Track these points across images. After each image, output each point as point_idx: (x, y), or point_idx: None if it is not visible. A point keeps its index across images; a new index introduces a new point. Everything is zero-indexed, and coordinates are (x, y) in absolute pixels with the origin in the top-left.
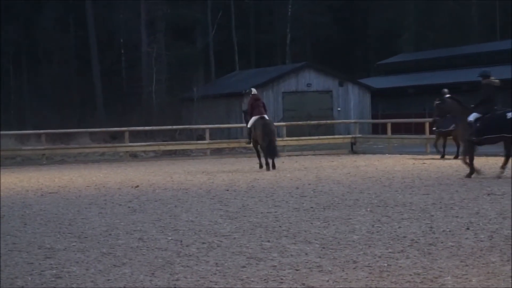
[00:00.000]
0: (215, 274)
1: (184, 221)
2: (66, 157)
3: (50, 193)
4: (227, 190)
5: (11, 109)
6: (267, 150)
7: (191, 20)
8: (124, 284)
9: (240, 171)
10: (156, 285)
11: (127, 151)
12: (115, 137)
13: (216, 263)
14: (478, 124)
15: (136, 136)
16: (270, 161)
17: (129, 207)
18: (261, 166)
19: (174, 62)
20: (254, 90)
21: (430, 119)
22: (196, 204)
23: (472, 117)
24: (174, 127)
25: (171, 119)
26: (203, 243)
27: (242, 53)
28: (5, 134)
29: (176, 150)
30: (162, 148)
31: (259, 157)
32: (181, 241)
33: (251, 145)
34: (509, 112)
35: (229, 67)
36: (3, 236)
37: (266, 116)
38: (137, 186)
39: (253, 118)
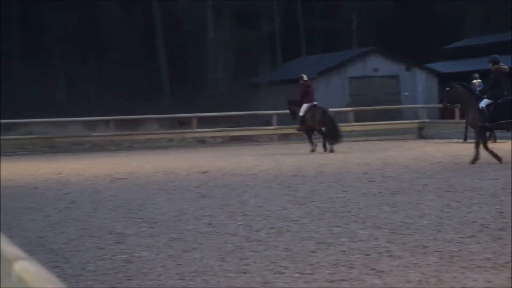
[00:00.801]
0: (285, 259)
1: (253, 206)
2: (134, 143)
3: (119, 179)
4: (295, 176)
5: (77, 96)
6: (332, 135)
7: (256, 6)
8: (194, 269)
9: (308, 156)
10: (226, 270)
11: (194, 137)
12: (183, 123)
13: (286, 248)
14: (490, 110)
15: (203, 122)
16: (329, 146)
17: (197, 192)
18: (312, 150)
19: (240, 48)
20: (305, 77)
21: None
22: (264, 190)
23: (484, 103)
24: (241, 113)
25: (237, 105)
26: (272, 228)
27: (308, 38)
28: (73, 121)
29: (243, 136)
30: (230, 134)
31: (311, 142)
32: (250, 226)
33: (300, 131)
34: None
35: (295, 53)
36: (74, 222)
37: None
38: (206, 172)
39: (306, 105)
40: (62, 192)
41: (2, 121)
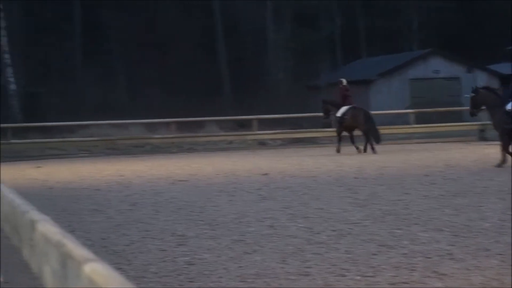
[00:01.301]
0: (346, 261)
1: (314, 208)
2: (195, 145)
3: (180, 181)
4: (356, 178)
5: (139, 98)
6: (374, 135)
7: (317, 6)
8: (255, 271)
9: (368, 158)
10: (287, 272)
11: (255, 139)
12: (243, 125)
13: (347, 251)
14: None
15: (263, 124)
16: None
17: (259, 194)
18: (338, 151)
19: (300, 49)
20: (344, 81)
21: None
22: (325, 192)
23: (510, 106)
24: (301, 114)
25: (297, 106)
26: (333, 230)
27: (368, 39)
28: (134, 123)
29: (303, 137)
30: (290, 135)
31: (339, 142)
32: (311, 228)
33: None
34: None
35: (355, 54)
36: (136, 223)
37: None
38: (266, 174)
39: (345, 108)
40: (124, 194)
41: (65, 123)
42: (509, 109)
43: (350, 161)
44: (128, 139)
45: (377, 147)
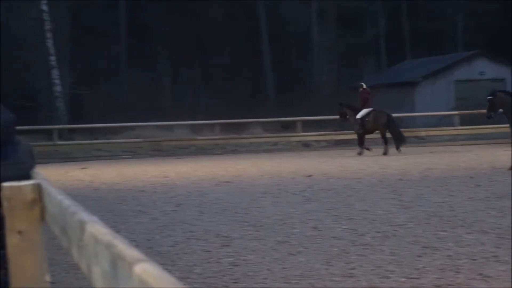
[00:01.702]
0: (391, 263)
1: (358, 210)
2: (239, 146)
3: (224, 182)
4: (400, 180)
5: (184, 100)
6: (398, 137)
7: (361, 8)
8: (300, 272)
9: (413, 160)
10: (331, 274)
11: (299, 141)
12: (287, 127)
13: (392, 252)
14: None
15: (307, 126)
16: (386, 147)
17: (303, 196)
18: (360, 153)
19: (344, 51)
20: (364, 85)
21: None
22: (370, 194)
23: None
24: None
25: None
26: (378, 232)
27: (413, 41)
28: (179, 125)
29: (348, 139)
30: (334, 137)
31: (361, 144)
32: (356, 230)
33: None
34: None
35: (399, 56)
36: (180, 224)
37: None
38: (310, 176)
39: (366, 110)
40: (168, 195)
41: (110, 124)
42: None
43: (395, 163)
44: (172, 141)
45: (423, 149)
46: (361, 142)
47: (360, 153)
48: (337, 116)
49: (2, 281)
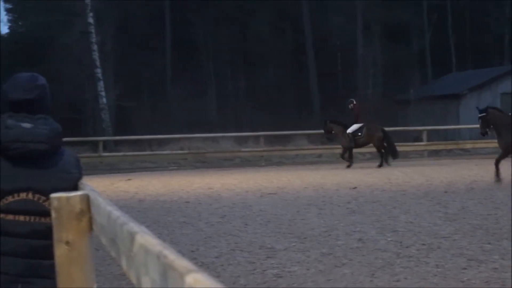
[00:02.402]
0: (436, 275)
1: (403, 222)
2: (284, 158)
3: (269, 194)
4: (446, 192)
5: (229, 112)
6: (393, 151)
7: (406, 22)
8: (344, 284)
9: (458, 172)
10: (376, 286)
11: None
12: (332, 139)
13: (437, 265)
14: None
15: None
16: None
17: (347, 208)
18: (348, 166)
19: (389, 64)
20: (354, 101)
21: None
22: (415, 206)
23: None
24: (391, 128)
25: (387, 121)
26: (423, 244)
27: (458, 54)
28: (224, 136)
29: None
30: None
31: (351, 158)
32: (401, 242)
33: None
34: None
35: (445, 68)
36: (225, 236)
37: None
38: (355, 188)
39: (358, 125)
40: (213, 207)
41: (155, 136)
42: None
43: (440, 175)
44: (217, 152)
45: (468, 161)
46: (350, 156)
47: (349, 166)
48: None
49: None
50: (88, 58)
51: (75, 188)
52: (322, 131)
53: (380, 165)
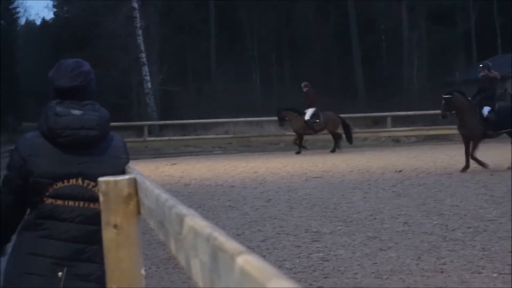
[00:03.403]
0: (482, 258)
1: (449, 205)
2: (329, 142)
3: (314, 177)
4: (492, 175)
5: (273, 97)
6: (349, 137)
7: (452, 4)
8: (390, 268)
9: (504, 156)
10: (422, 269)
11: (389, 136)
12: (377, 122)
13: (483, 248)
14: (493, 118)
15: (397, 121)
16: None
17: (393, 191)
18: (298, 153)
19: (434, 47)
20: (309, 84)
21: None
22: (460, 189)
23: (486, 110)
24: (436, 111)
25: (431, 104)
26: (469, 227)
27: (504, 36)
28: (269, 120)
29: (438, 135)
30: (425, 133)
31: (302, 144)
32: (447, 225)
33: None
34: None
35: (490, 51)
36: (270, 220)
37: None
38: (400, 171)
39: (311, 111)
40: (258, 191)
41: (200, 121)
42: (486, 115)
43: (485, 158)
44: (262, 136)
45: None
46: (300, 142)
47: (298, 152)
48: (427, 112)
49: (98, 275)
50: (133, 43)
51: (123, 172)
52: (365, 114)
53: (333, 151)
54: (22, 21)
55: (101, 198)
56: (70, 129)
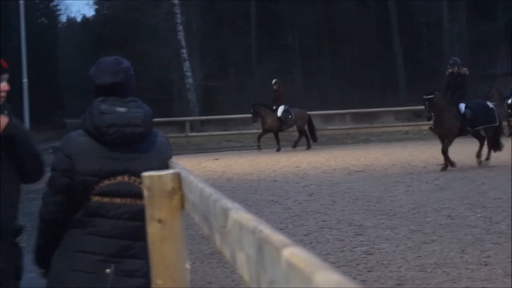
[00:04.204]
0: None
1: (492, 198)
2: (371, 136)
3: (356, 171)
4: None
5: (314, 90)
6: (313, 135)
7: None
8: (434, 261)
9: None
10: (466, 262)
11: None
12: (419, 115)
13: None
14: (470, 114)
15: None
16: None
17: (435, 184)
18: (279, 150)
19: (475, 39)
20: (278, 81)
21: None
22: (504, 181)
23: (463, 107)
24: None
25: (473, 96)
26: None
27: None
28: (310, 115)
29: None
30: None
31: (278, 141)
32: (490, 218)
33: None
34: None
35: None
36: (313, 214)
37: None
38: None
39: (283, 107)
40: (300, 185)
41: (241, 115)
42: (463, 111)
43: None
44: None
45: None
46: (277, 139)
47: (279, 150)
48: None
49: (144, 271)
50: (173, 38)
51: (167, 168)
52: (406, 107)
53: (294, 146)
54: (63, 18)
55: (145, 193)
56: (116, 127)
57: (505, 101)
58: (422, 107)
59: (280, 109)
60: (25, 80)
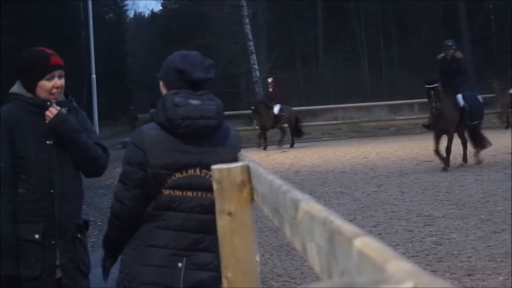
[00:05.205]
0: None
1: None
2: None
3: (425, 161)
4: None
5: (382, 81)
6: (299, 133)
7: None
8: (504, 250)
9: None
10: None
11: (500, 118)
12: (488, 104)
13: None
14: (468, 107)
15: None
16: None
17: (505, 173)
18: (265, 149)
19: None
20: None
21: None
22: None
23: (461, 98)
24: None
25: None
26: None
27: None
28: (378, 105)
29: None
30: None
31: (265, 139)
32: None
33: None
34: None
35: None
36: (382, 205)
37: None
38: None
39: (279, 105)
40: (369, 176)
41: (309, 107)
42: (463, 104)
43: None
44: (372, 121)
45: None
46: (265, 137)
47: (265, 148)
48: None
49: (215, 264)
50: (240, 31)
51: (236, 161)
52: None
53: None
54: (131, 13)
55: (214, 186)
56: (190, 119)
57: (507, 91)
58: (491, 95)
59: (277, 107)
60: (93, 76)
